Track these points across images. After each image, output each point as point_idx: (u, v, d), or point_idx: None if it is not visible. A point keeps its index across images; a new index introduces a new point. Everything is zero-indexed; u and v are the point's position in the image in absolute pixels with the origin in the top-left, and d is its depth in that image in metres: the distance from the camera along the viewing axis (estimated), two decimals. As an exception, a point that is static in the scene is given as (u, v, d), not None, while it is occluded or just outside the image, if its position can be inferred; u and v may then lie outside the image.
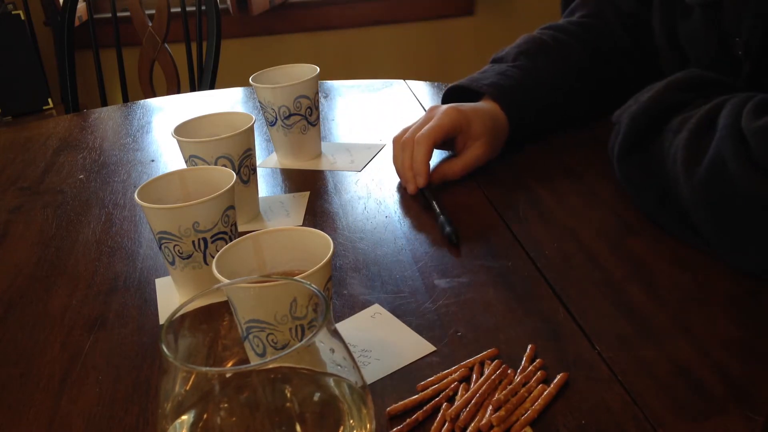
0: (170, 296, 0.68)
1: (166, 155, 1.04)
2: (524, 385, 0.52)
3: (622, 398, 0.51)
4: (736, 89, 0.67)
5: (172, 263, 0.66)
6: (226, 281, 0.52)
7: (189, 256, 0.65)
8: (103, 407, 0.55)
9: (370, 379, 0.55)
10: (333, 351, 0.38)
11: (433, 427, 0.50)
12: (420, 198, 0.82)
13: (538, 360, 0.54)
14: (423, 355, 0.57)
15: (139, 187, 0.66)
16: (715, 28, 0.75)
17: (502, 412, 0.49)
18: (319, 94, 0.94)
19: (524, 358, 0.55)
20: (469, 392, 0.52)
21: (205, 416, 0.39)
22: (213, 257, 0.56)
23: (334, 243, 0.55)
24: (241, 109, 1.20)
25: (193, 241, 0.64)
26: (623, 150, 0.72)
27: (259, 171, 0.91)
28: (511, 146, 0.96)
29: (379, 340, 0.59)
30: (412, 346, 0.58)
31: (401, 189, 0.86)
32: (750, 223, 0.60)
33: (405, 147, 0.84)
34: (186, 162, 0.79)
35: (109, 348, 0.62)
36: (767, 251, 0.60)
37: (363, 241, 0.75)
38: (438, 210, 0.77)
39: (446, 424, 0.50)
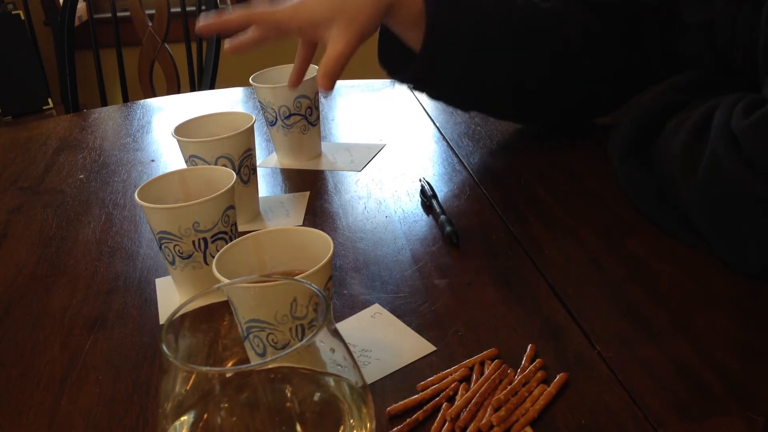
0: (170, 296, 0.68)
1: (166, 155, 1.04)
2: (524, 384, 0.52)
3: (622, 398, 0.51)
4: (735, 90, 0.67)
5: (172, 263, 0.66)
6: (226, 281, 0.52)
7: (189, 256, 0.65)
8: (103, 407, 0.55)
9: (370, 379, 0.55)
10: (333, 351, 0.38)
11: (433, 427, 0.50)
12: (420, 198, 0.82)
13: (538, 360, 0.54)
14: (423, 355, 0.57)
15: (139, 187, 0.66)
16: (711, 42, 0.75)
17: (502, 412, 0.49)
18: (319, 94, 0.94)
19: (524, 358, 0.55)
20: (469, 392, 0.52)
21: (205, 416, 0.39)
22: (213, 257, 0.56)
23: (334, 243, 0.55)
24: (241, 109, 1.20)
25: (193, 241, 0.64)
26: (623, 150, 0.72)
27: (259, 171, 0.91)
28: (510, 145, 0.96)
29: (379, 340, 0.59)
30: (412, 346, 0.58)
31: (401, 189, 0.86)
32: (748, 222, 0.60)
33: None
34: (186, 162, 0.79)
35: (109, 348, 0.62)
36: (766, 251, 0.61)
37: (363, 241, 0.75)
38: (438, 210, 0.77)
39: (446, 424, 0.50)
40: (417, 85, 0.89)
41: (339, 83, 1.28)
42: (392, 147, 0.98)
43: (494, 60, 0.84)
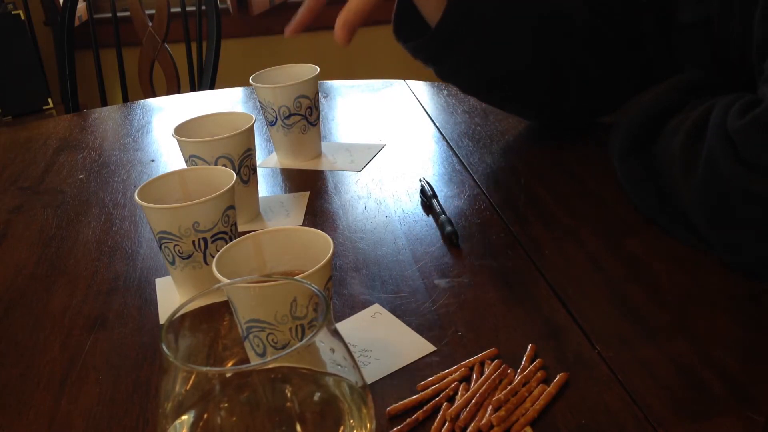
0: (170, 296, 0.68)
1: (166, 155, 1.04)
2: (524, 384, 0.52)
3: (622, 398, 0.51)
4: (735, 90, 0.67)
5: (172, 263, 0.66)
6: (226, 281, 0.52)
7: (189, 256, 0.65)
8: (103, 407, 0.55)
9: (370, 379, 0.55)
10: (333, 351, 0.38)
11: (433, 427, 0.50)
12: (420, 198, 0.82)
13: (538, 360, 0.54)
14: (423, 355, 0.57)
15: (139, 187, 0.66)
16: (708, 41, 0.75)
17: (502, 412, 0.49)
18: (319, 94, 0.94)
19: (524, 358, 0.55)
20: (469, 392, 0.52)
21: (205, 416, 0.39)
22: (213, 257, 0.56)
23: (334, 243, 0.55)
24: (241, 109, 1.20)
25: (193, 241, 0.64)
26: (623, 150, 0.72)
27: (259, 171, 0.91)
28: (510, 145, 0.96)
29: (379, 340, 0.59)
30: (412, 346, 0.58)
31: (401, 189, 0.86)
32: (747, 222, 0.60)
33: None
34: (186, 162, 0.79)
35: (109, 348, 0.62)
36: (765, 250, 0.61)
37: (363, 241, 0.75)
38: (438, 210, 0.77)
39: (446, 424, 0.50)
40: (428, 58, 0.89)
41: (339, 83, 1.29)
42: (392, 147, 0.98)
43: (511, 42, 0.85)
